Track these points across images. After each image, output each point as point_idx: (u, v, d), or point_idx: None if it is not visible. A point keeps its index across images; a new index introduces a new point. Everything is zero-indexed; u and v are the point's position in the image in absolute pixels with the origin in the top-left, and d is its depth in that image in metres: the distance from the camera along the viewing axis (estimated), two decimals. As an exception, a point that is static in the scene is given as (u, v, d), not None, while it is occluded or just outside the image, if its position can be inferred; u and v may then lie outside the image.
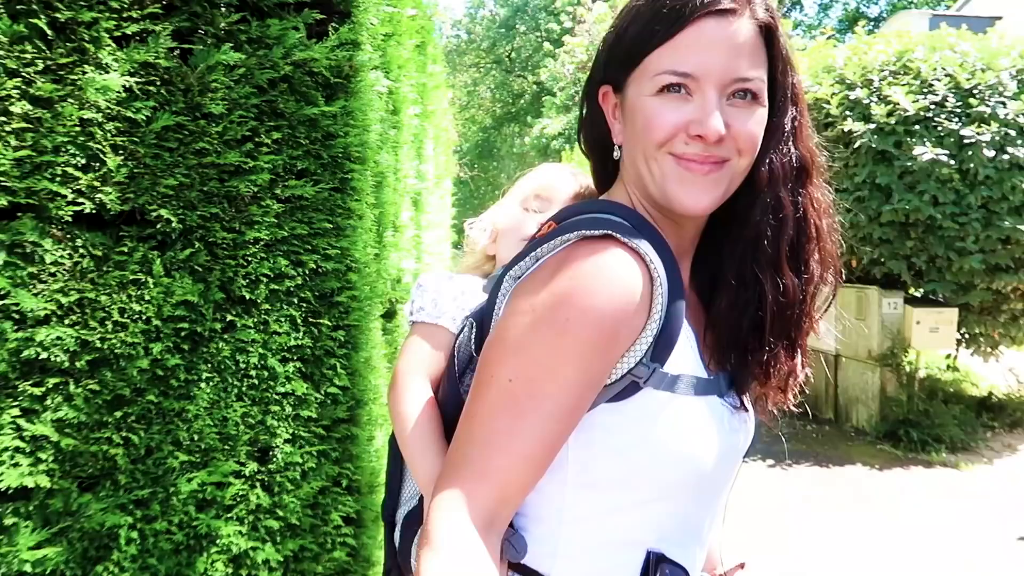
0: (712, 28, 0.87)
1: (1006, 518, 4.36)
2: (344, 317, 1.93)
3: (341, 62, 1.90)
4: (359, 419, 1.99)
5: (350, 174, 1.94)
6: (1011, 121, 5.32)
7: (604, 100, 0.99)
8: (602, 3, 18.11)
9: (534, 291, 0.86)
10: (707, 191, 0.90)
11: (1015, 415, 6.15)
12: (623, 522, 0.92)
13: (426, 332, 1.08)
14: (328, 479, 1.89)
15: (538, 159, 18.09)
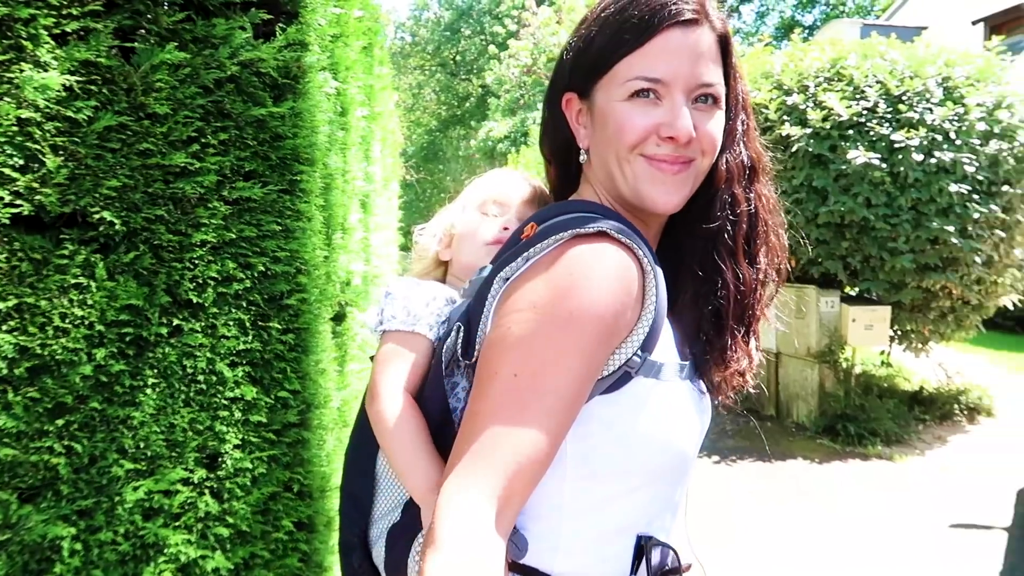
0: (678, 37, 0.93)
1: (938, 507, 4.55)
2: (294, 320, 1.91)
3: (289, 63, 1.88)
4: (310, 423, 1.97)
5: (299, 176, 1.92)
6: (938, 127, 5.54)
7: (567, 106, 1.03)
8: (546, 7, 18.26)
9: (533, 289, 0.88)
10: (677, 190, 0.97)
11: (944, 408, 6.40)
12: (618, 510, 0.95)
13: (402, 340, 1.06)
14: (279, 484, 1.87)
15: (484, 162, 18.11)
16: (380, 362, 1.06)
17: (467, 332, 0.97)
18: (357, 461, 1.12)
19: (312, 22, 2.00)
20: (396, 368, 1.04)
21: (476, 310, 0.96)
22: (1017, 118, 5.74)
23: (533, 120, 15.73)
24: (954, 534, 4.18)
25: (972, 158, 5.49)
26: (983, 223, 5.60)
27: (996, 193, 5.64)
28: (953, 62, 5.94)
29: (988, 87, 5.81)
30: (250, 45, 1.80)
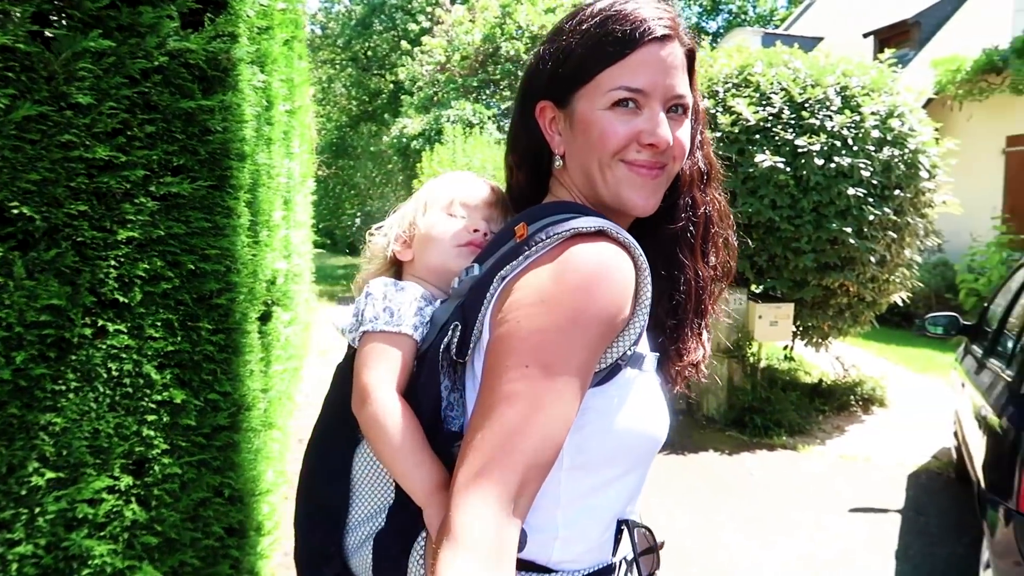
0: (656, 51, 0.99)
1: (839, 493, 4.81)
2: (224, 320, 1.86)
3: (219, 54, 1.83)
4: (240, 426, 1.92)
5: (229, 171, 1.87)
6: (837, 133, 5.85)
7: (541, 114, 1.06)
8: (460, 5, 18.22)
9: (540, 284, 0.91)
10: (654, 194, 1.02)
11: (842, 399, 6.77)
12: (607, 497, 1.00)
13: (389, 341, 1.03)
14: (209, 490, 1.81)
15: (397, 159, 17.89)
16: (366, 364, 1.02)
17: (463, 331, 0.98)
18: (326, 467, 1.08)
19: (242, 12, 1.94)
20: (385, 369, 1.01)
21: (471, 309, 0.98)
22: (907, 127, 6.12)
23: (448, 118, 15.62)
24: (854, 518, 4.43)
25: (867, 163, 5.82)
26: (877, 225, 5.95)
27: (889, 197, 5.99)
28: (850, 72, 6.28)
29: (881, 97, 6.17)
30: (178, 35, 1.74)
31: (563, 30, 1.04)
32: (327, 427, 1.12)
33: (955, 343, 8.46)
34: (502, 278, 0.96)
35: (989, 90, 11.14)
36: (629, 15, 0.98)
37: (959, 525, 4.22)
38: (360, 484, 1.05)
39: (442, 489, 0.94)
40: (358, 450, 1.06)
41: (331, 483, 1.06)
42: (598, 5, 1.02)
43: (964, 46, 12.34)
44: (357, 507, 1.05)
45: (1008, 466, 2.62)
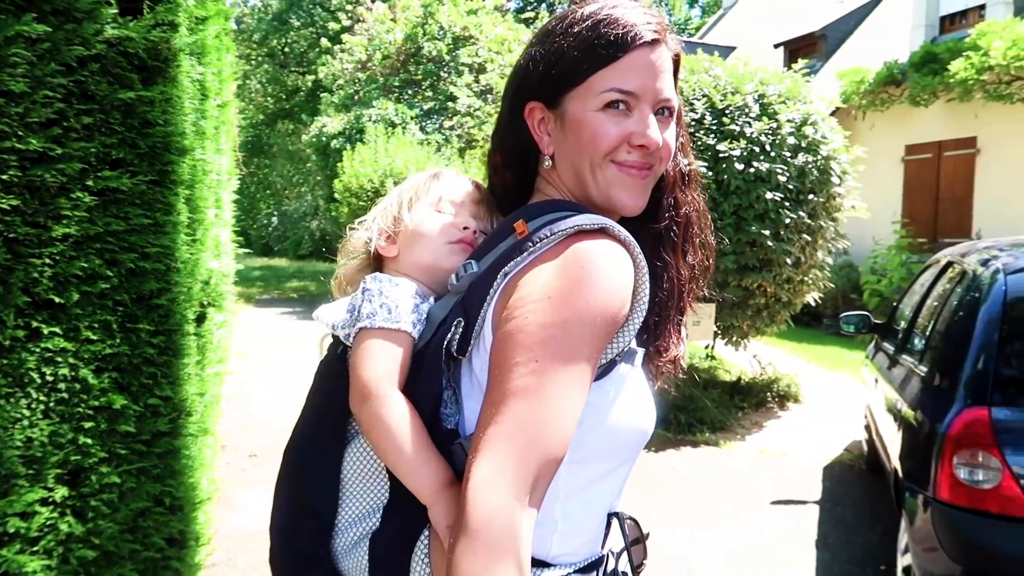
0: (647, 54, 1.01)
1: (760, 486, 4.99)
2: (164, 321, 1.78)
3: (159, 44, 1.75)
4: (182, 431, 1.84)
5: (169, 166, 1.79)
6: (755, 139, 6.07)
7: (530, 115, 1.07)
8: (381, 3, 17.99)
9: (546, 280, 0.92)
10: (643, 194, 1.05)
11: (759, 396, 7.03)
12: (601, 490, 1.02)
13: (388, 337, 1.01)
14: (149, 499, 1.73)
15: (316, 158, 17.52)
16: (366, 361, 1.00)
17: (464, 327, 0.98)
18: (314, 467, 1.05)
19: (182, 1, 1.87)
20: (386, 367, 0.99)
21: (472, 305, 0.98)
22: (820, 134, 6.41)
23: (369, 117, 15.40)
24: (775, 510, 4.61)
25: (784, 169, 6.07)
26: (793, 228, 6.20)
27: (803, 201, 6.26)
28: (767, 80, 6.52)
29: (796, 105, 6.44)
30: (116, 22, 1.66)
31: (553, 32, 1.05)
32: (314, 426, 1.08)
33: (861, 341, 8.92)
34: (505, 274, 0.96)
35: (890, 101, 11.78)
36: (620, 19, 1.00)
37: (873, 514, 4.44)
38: (351, 484, 1.03)
39: (448, 487, 0.93)
40: (349, 449, 1.04)
41: (320, 483, 1.03)
42: (587, 9, 1.03)
43: (867, 59, 13.02)
44: (348, 507, 1.02)
45: (925, 457, 2.77)
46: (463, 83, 16.01)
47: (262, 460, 5.31)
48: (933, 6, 12.30)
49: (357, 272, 1.19)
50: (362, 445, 1.03)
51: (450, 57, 16.49)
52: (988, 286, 2.92)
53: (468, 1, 16.88)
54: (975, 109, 10.54)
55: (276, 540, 1.07)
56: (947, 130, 11.50)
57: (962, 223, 11.25)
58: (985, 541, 2.53)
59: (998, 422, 2.55)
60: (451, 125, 15.90)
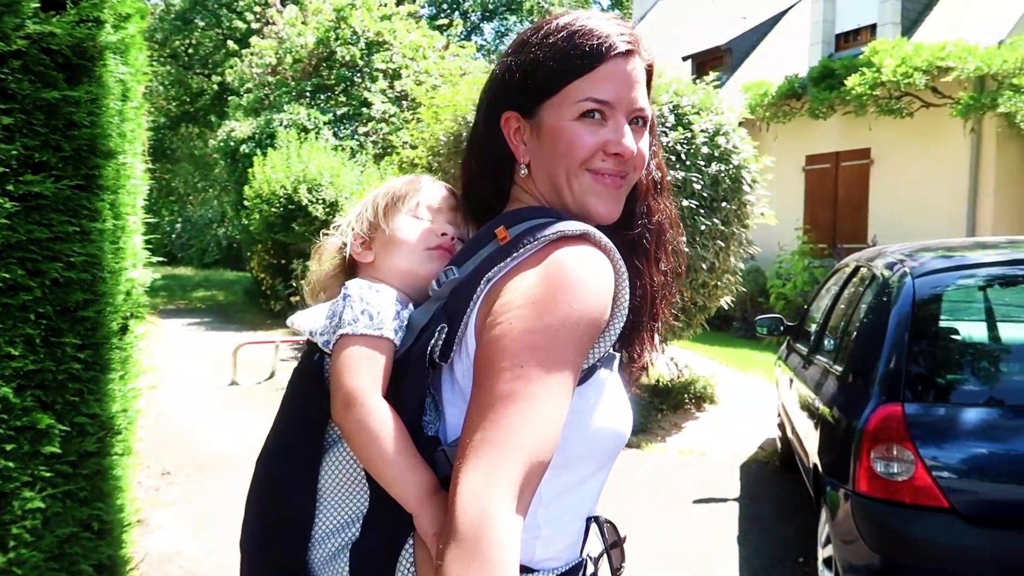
0: (621, 65, 1.03)
1: (681, 486, 5.12)
2: (91, 335, 1.68)
3: (85, 40, 1.66)
4: (109, 451, 1.74)
5: (96, 170, 1.70)
6: (672, 148, 6.25)
7: (506, 124, 1.08)
8: (291, 5, 17.60)
9: (530, 286, 0.93)
10: (617, 202, 1.07)
11: (677, 398, 7.22)
12: (582, 494, 1.03)
13: (370, 344, 0.99)
14: (76, 524, 1.63)
15: (224, 163, 16.96)
16: (349, 368, 0.97)
17: (448, 333, 0.97)
18: (291, 477, 1.01)
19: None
20: (370, 374, 0.97)
21: (454, 311, 0.97)
22: (731, 144, 6.66)
23: (280, 122, 15.02)
24: (697, 508, 4.73)
25: (699, 177, 6.27)
26: (708, 234, 6.41)
27: (717, 208, 6.48)
28: (681, 92, 6.73)
29: (709, 116, 6.66)
30: (39, 17, 1.56)
31: (528, 43, 1.06)
32: (291, 434, 1.05)
33: (770, 343, 9.29)
34: (488, 280, 0.97)
35: (791, 113, 12.36)
36: (595, 31, 1.02)
37: (789, 509, 4.62)
38: (329, 493, 1.00)
39: (434, 494, 0.92)
40: (327, 457, 1.01)
41: (297, 493, 1.00)
42: (561, 21, 1.05)
43: (769, 73, 13.61)
44: (326, 517, 0.99)
45: (844, 452, 2.91)
46: (377, 89, 15.84)
47: (175, 478, 5.09)
48: (829, 24, 12.98)
49: (331, 278, 1.17)
50: (341, 453, 1.01)
51: (364, 62, 16.28)
52: (898, 289, 3.09)
53: (382, 7, 16.71)
54: (869, 122, 11.18)
55: (250, 553, 1.04)
56: (844, 141, 12.16)
57: (859, 229, 11.90)
58: (902, 531, 2.67)
59: (911, 417, 2.70)
60: (366, 131, 15.70)
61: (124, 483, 1.95)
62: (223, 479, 5.06)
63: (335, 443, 1.02)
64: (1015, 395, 2.80)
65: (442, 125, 6.76)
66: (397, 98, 15.97)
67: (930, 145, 10.93)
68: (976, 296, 3.23)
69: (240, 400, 7.63)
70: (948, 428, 2.72)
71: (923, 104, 10.49)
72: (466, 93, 6.84)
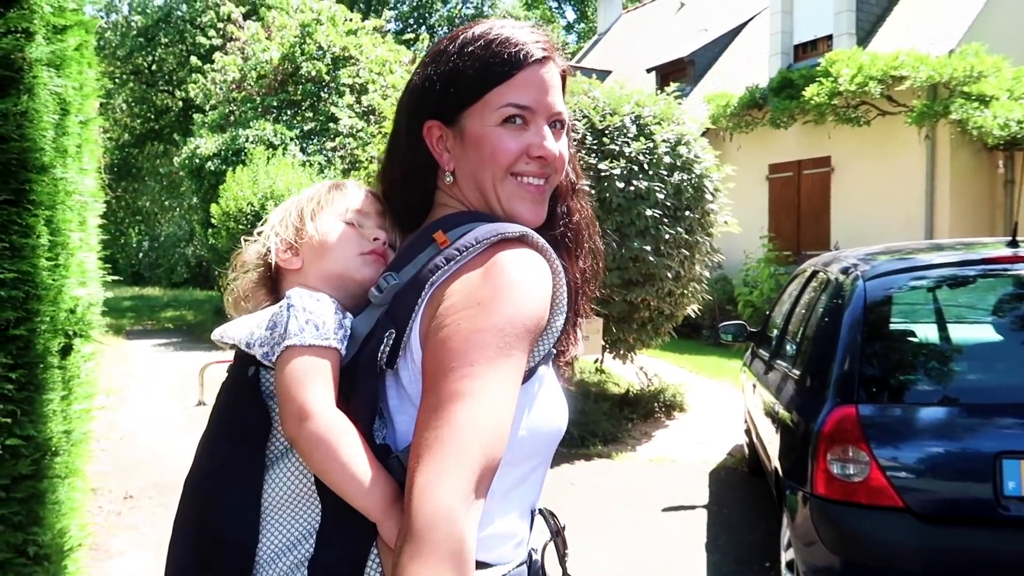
0: (538, 71, 1.06)
1: (652, 494, 5.12)
2: (24, 354, 1.64)
3: (11, 52, 1.62)
4: (47, 473, 1.69)
5: (27, 184, 1.66)
6: (634, 158, 6.30)
7: (428, 133, 1.09)
8: (253, 22, 17.51)
9: (473, 289, 0.95)
10: (541, 206, 1.10)
11: (647, 407, 7.24)
12: (527, 488, 1.06)
13: (319, 355, 0.97)
14: (10, 549, 1.57)
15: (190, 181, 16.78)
16: (299, 381, 0.95)
17: (395, 339, 0.97)
18: (226, 497, 0.98)
19: (38, 8, 1.74)
20: (322, 386, 0.95)
21: (399, 317, 0.98)
22: (693, 153, 6.72)
23: (247, 138, 14.90)
24: (668, 515, 4.74)
25: (661, 187, 6.32)
26: (672, 243, 6.45)
27: (681, 217, 6.53)
28: (643, 103, 6.79)
29: (670, 126, 6.73)
30: (-39, 29, 1.53)
31: (446, 53, 1.08)
32: (226, 453, 1.01)
33: (738, 349, 9.37)
34: (432, 284, 0.99)
35: (753, 123, 12.54)
36: (511, 39, 1.06)
37: (757, 514, 4.64)
38: (274, 511, 0.97)
39: (396, 501, 0.91)
40: (269, 474, 0.98)
41: (238, 513, 0.96)
42: (477, 30, 1.08)
43: (731, 84, 13.81)
44: (271, 537, 0.96)
45: (802, 455, 2.93)
46: (344, 104, 15.79)
47: (138, 502, 4.98)
48: (788, 35, 13.21)
49: (254, 287, 1.14)
50: (286, 469, 0.98)
51: (330, 77, 16.23)
52: (850, 292, 3.13)
53: (347, 22, 16.69)
54: (828, 131, 11.38)
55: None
56: (805, 150, 12.35)
57: (821, 236, 12.07)
58: (859, 531, 2.68)
59: (865, 418, 2.73)
60: (333, 146, 15.64)
61: (66, 507, 1.90)
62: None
63: (279, 458, 0.99)
64: (967, 394, 2.85)
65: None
66: (364, 113, 15.94)
67: (887, 152, 11.15)
68: (927, 297, 3.27)
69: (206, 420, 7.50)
70: (902, 428, 2.75)
71: (879, 112, 10.70)
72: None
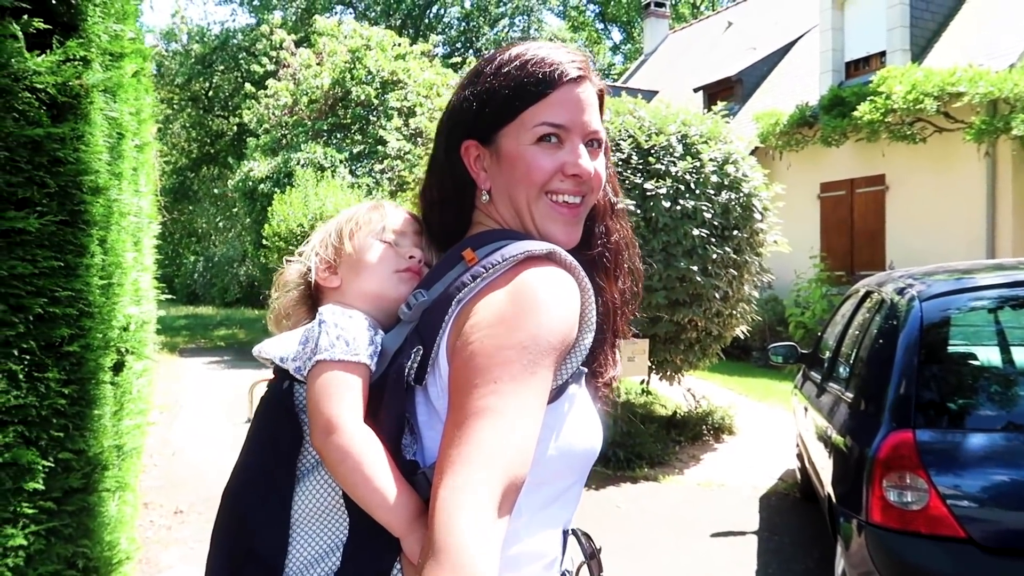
0: (573, 91, 1.07)
1: (699, 519, 5.01)
2: (76, 370, 1.68)
3: (70, 79, 1.68)
4: (97, 487, 1.73)
5: (81, 206, 1.71)
6: (681, 177, 6.24)
7: (466, 153, 1.11)
8: (305, 49, 17.95)
9: (499, 306, 0.95)
10: (576, 227, 1.10)
11: (695, 429, 7.11)
12: (558, 508, 1.05)
13: (348, 370, 0.99)
14: (61, 561, 1.61)
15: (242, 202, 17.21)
16: (328, 395, 0.97)
17: (423, 355, 0.99)
18: (258, 510, 1.00)
19: (94, 36, 1.80)
20: (350, 400, 0.97)
21: (427, 334, 0.99)
22: (741, 172, 6.63)
23: (297, 161, 15.24)
24: (715, 541, 4.62)
25: (708, 206, 6.24)
26: (719, 263, 6.36)
27: (729, 237, 6.44)
28: (689, 122, 6.73)
29: (718, 145, 6.66)
30: (23, 56, 1.59)
31: (483, 73, 1.10)
32: (259, 466, 1.03)
33: (789, 372, 9.16)
34: (458, 302, 0.99)
35: (803, 141, 12.32)
36: (546, 58, 1.07)
37: (810, 541, 4.50)
38: (304, 524, 0.99)
39: (420, 516, 0.92)
40: (299, 487, 1.00)
41: (267, 526, 0.98)
42: (514, 51, 1.09)
43: (780, 102, 13.63)
44: (301, 550, 0.98)
45: (856, 482, 2.83)
46: (392, 127, 16.05)
47: (188, 517, 5.06)
48: (839, 52, 13.00)
49: (295, 305, 1.17)
50: (316, 482, 0.99)
51: (379, 101, 16.52)
52: (905, 313, 3.03)
53: (396, 46, 17.00)
54: (882, 148, 11.12)
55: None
56: (858, 168, 12.09)
57: (876, 255, 11.76)
58: (916, 561, 2.57)
59: (923, 443, 2.63)
60: (382, 168, 15.89)
61: (116, 520, 1.93)
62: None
63: (309, 472, 1.00)
64: (1031, 419, 2.72)
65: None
66: (412, 135, 16.17)
67: (945, 170, 10.84)
68: (986, 318, 3.15)
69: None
70: (962, 455, 2.64)
71: (936, 129, 10.42)
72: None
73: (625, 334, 1.21)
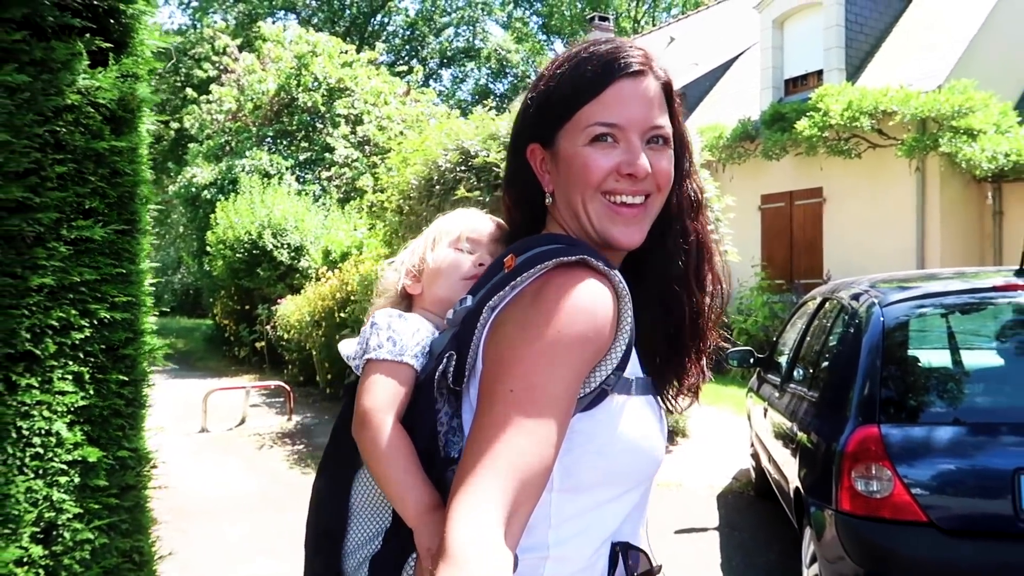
0: (629, 86, 1.04)
1: (662, 517, 5.20)
2: (131, 371, 1.75)
3: (127, 94, 1.76)
4: (147, 484, 1.80)
5: (136, 215, 1.79)
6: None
7: (531, 156, 1.11)
8: (249, 54, 17.71)
9: (525, 314, 0.95)
10: (639, 227, 1.06)
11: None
12: (601, 518, 1.02)
13: (390, 369, 1.07)
14: (121, 555, 1.68)
15: (185, 209, 16.86)
16: (368, 390, 1.05)
17: (458, 360, 1.00)
18: (334, 495, 1.10)
19: (143, 53, 1.89)
20: (385, 396, 1.05)
21: (465, 339, 1.00)
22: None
23: (242, 167, 15.01)
24: (679, 538, 4.83)
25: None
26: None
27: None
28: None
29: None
30: (87, 72, 1.66)
31: (544, 76, 1.10)
32: (335, 450, 1.14)
33: (734, 377, 9.52)
34: (492, 308, 1.00)
35: (746, 155, 12.81)
36: (601, 55, 1.05)
37: (769, 536, 4.75)
38: (359, 508, 1.09)
39: (433, 511, 0.97)
40: (358, 475, 1.10)
41: (333, 506, 1.09)
42: (573, 50, 1.08)
43: (723, 116, 14.12)
44: (356, 531, 1.08)
45: (825, 474, 3.06)
46: (339, 134, 15.97)
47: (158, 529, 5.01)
48: (779, 70, 13.56)
49: (392, 308, 1.26)
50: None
51: (326, 108, 16.41)
52: (867, 318, 3.29)
53: (343, 54, 16.93)
54: (820, 162, 11.66)
55: (307, 556, 1.14)
56: (797, 181, 12.62)
57: (814, 264, 12.30)
58: (883, 544, 2.81)
59: (887, 437, 2.87)
60: (329, 175, 15.79)
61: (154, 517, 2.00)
62: (203, 527, 5.01)
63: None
64: (982, 414, 3.00)
65: (412, 169, 6.83)
66: (359, 143, 16.12)
67: (879, 183, 11.44)
68: (940, 323, 3.44)
69: (212, 446, 7.53)
70: (923, 446, 2.89)
71: (870, 145, 11.00)
72: (435, 138, 6.95)
73: (714, 339, 1.17)
